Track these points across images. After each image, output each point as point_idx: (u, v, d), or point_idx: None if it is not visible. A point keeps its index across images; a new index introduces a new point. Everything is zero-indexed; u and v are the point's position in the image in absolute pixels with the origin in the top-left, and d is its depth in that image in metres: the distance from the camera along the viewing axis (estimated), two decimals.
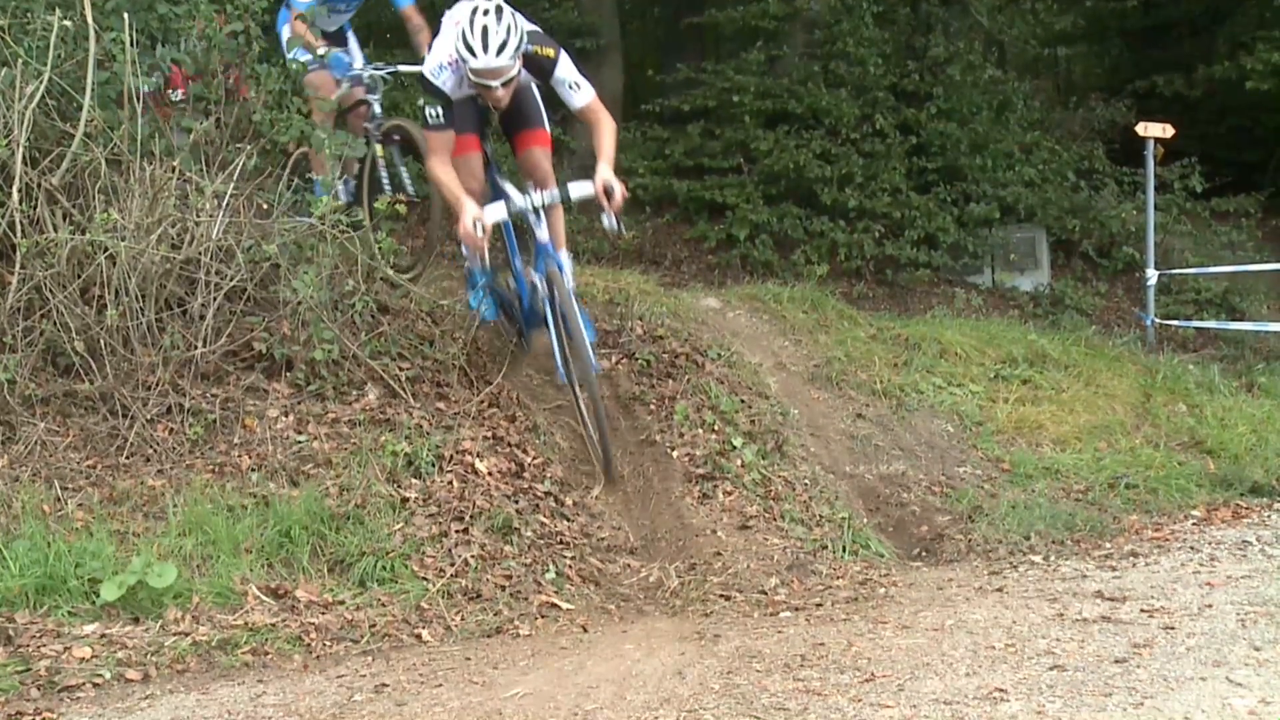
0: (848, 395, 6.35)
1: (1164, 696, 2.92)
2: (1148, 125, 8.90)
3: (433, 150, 5.06)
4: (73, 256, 4.70)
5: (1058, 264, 10.23)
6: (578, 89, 5.05)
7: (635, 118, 10.47)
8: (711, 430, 5.47)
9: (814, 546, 4.93)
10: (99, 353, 4.66)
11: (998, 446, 6.24)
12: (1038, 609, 3.97)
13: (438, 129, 5.01)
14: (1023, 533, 5.28)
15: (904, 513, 5.54)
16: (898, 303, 9.24)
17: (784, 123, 9.94)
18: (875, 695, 3.02)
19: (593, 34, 10.61)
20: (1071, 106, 11.66)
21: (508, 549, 4.50)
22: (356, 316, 5.17)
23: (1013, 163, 10.11)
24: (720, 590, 4.51)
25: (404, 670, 3.62)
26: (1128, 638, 3.52)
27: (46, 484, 4.33)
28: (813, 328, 6.98)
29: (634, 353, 5.89)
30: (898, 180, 9.64)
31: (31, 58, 4.93)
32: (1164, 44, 12.94)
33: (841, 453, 5.85)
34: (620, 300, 6.35)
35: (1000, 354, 7.19)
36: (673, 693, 3.14)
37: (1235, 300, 9.80)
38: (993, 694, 2.99)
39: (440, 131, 5.02)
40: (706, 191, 9.76)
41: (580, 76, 5.09)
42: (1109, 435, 6.54)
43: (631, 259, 9.01)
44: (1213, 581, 4.30)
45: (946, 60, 10.32)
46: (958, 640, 3.58)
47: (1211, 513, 5.69)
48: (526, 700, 3.12)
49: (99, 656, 3.62)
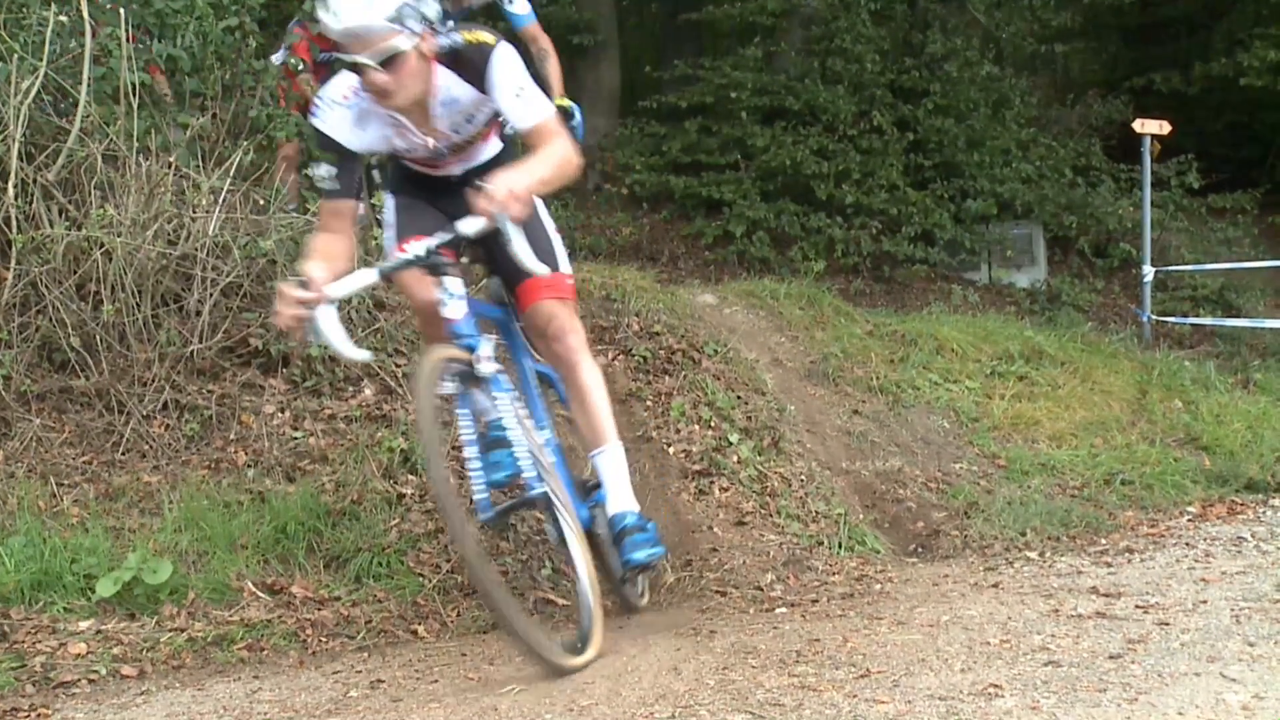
0: (844, 391, 6.35)
1: (1158, 692, 2.92)
2: (1145, 122, 8.92)
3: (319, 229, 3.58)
4: (68, 252, 4.69)
5: (1054, 260, 10.25)
6: (520, 99, 3.38)
7: (632, 114, 10.49)
8: (708, 426, 5.47)
9: (810, 543, 4.93)
10: (95, 349, 4.66)
11: (994, 443, 6.24)
12: (1033, 605, 3.98)
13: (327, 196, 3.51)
14: (1018, 529, 5.28)
15: (900, 509, 5.54)
16: (894, 299, 9.25)
17: (781, 119, 9.95)
18: (870, 691, 3.03)
19: (590, 30, 10.62)
20: (1069, 103, 11.68)
21: (503, 545, 4.50)
22: (353, 312, 5.16)
23: (1010, 159, 10.13)
24: (716, 586, 4.51)
25: (400, 666, 3.62)
26: (1122, 633, 3.53)
27: (42, 480, 4.32)
28: (809, 324, 6.98)
29: (630, 349, 5.89)
30: (895, 177, 9.65)
31: (27, 53, 4.92)
32: (1161, 41, 12.94)
33: (838, 449, 5.85)
34: (617, 296, 6.34)
35: (997, 350, 7.19)
36: (668, 688, 3.14)
37: (1231, 297, 9.83)
38: (987, 689, 2.99)
39: (328, 201, 3.52)
40: (703, 188, 9.77)
41: (531, 84, 3.43)
42: (1105, 431, 6.55)
43: (628, 255, 9.02)
44: (1207, 577, 4.31)
45: (944, 57, 10.33)
46: (953, 636, 3.58)
47: (1207, 509, 5.69)
48: (522, 696, 3.12)
49: (94, 652, 3.62)
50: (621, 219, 9.90)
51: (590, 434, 3.77)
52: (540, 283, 3.63)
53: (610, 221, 9.72)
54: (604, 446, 3.74)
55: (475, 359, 3.36)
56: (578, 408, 3.77)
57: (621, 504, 3.73)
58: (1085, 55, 14.07)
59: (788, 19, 10.66)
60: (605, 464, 3.75)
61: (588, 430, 3.77)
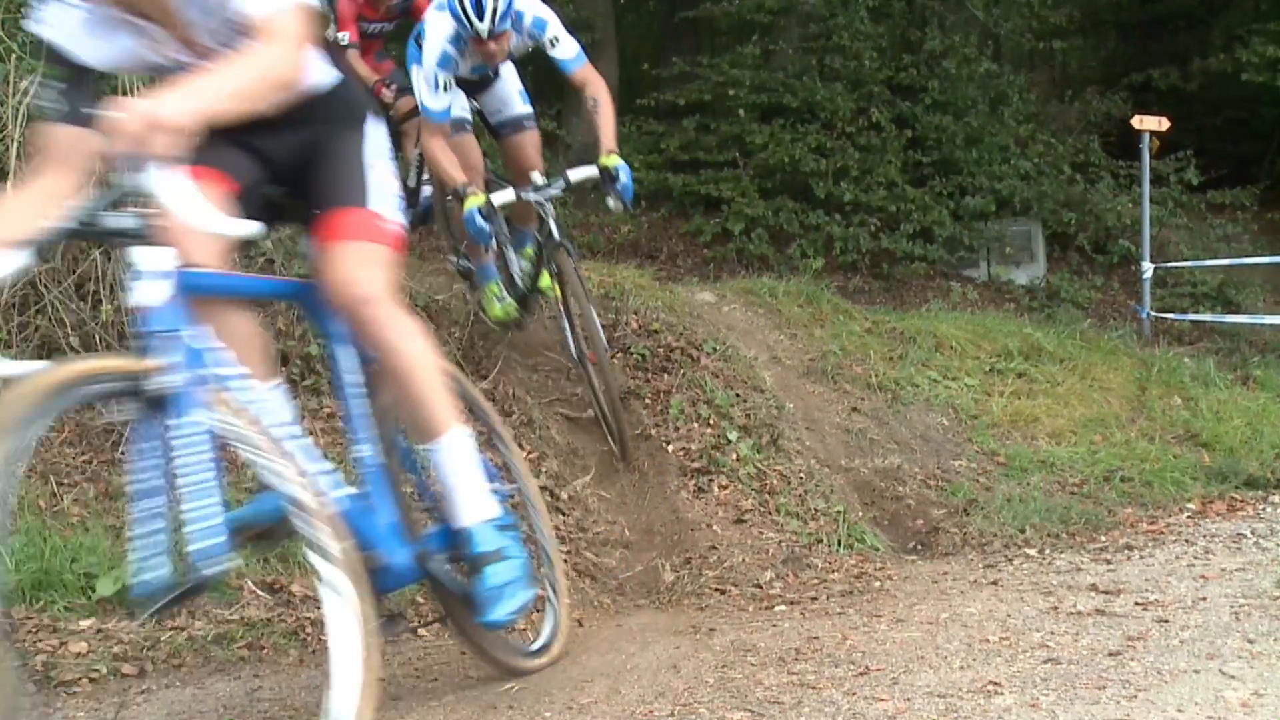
0: (843, 389, 6.35)
1: (1157, 689, 2.92)
2: (1143, 118, 8.92)
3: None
4: (68, 252, 4.69)
5: (1053, 257, 10.25)
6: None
7: (630, 112, 10.47)
8: (707, 424, 5.48)
9: (809, 540, 4.94)
10: (94, 348, 4.65)
11: (993, 440, 6.24)
12: (1032, 602, 3.98)
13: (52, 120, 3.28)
14: (1018, 526, 5.29)
15: (899, 506, 5.55)
16: (893, 296, 9.25)
17: (779, 116, 9.96)
18: (869, 688, 3.03)
19: (588, 28, 10.59)
20: (1067, 100, 11.68)
21: None
22: None
23: (1008, 156, 10.13)
24: (715, 584, 4.51)
25: (399, 665, 3.62)
26: (1122, 631, 3.53)
27: (42, 479, 4.32)
28: (808, 322, 6.98)
29: (629, 347, 5.89)
30: (893, 174, 9.66)
31: (26, 53, 4.91)
32: (1160, 37, 12.95)
33: (837, 446, 5.85)
34: (615, 294, 6.34)
35: (996, 347, 7.20)
36: (667, 686, 3.14)
37: (1231, 293, 9.83)
38: (987, 687, 2.99)
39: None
40: (702, 186, 9.77)
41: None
42: (1104, 428, 6.55)
43: (627, 253, 9.02)
44: (1207, 574, 4.31)
45: (942, 54, 10.33)
46: (952, 633, 3.59)
47: (1206, 506, 5.69)
48: (521, 694, 3.12)
49: (95, 651, 3.61)
50: (619, 217, 9.89)
51: (416, 425, 2.95)
52: (336, 220, 2.82)
53: (608, 219, 9.72)
54: (438, 440, 2.90)
55: (146, 370, 2.34)
56: (397, 395, 2.92)
57: (473, 513, 2.91)
58: (1084, 51, 14.08)
59: (785, 16, 10.66)
60: (443, 462, 2.92)
61: (413, 422, 2.97)
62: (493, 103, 5.49)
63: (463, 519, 2.91)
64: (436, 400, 2.88)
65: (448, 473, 2.92)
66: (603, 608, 4.34)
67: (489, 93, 5.47)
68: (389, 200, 2.91)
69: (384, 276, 2.82)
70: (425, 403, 2.87)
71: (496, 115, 5.51)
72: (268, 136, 2.82)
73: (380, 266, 2.82)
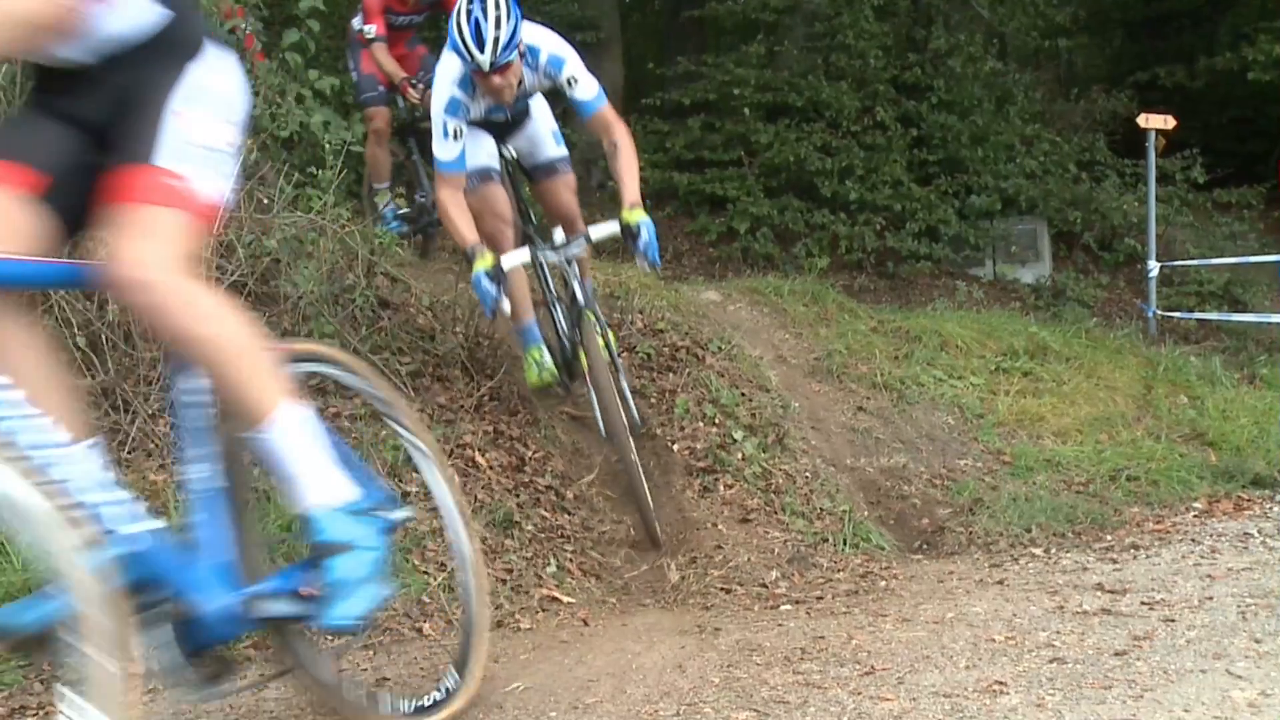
0: (849, 388, 6.35)
1: (1164, 689, 2.92)
2: (1149, 117, 8.91)
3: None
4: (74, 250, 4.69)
5: (1059, 256, 10.24)
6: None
7: (636, 111, 10.49)
8: (712, 424, 5.47)
9: (815, 539, 4.94)
10: (100, 348, 4.65)
11: (999, 439, 6.23)
12: (1038, 601, 3.97)
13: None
14: (1024, 525, 5.28)
15: (905, 505, 5.54)
16: (899, 295, 9.25)
17: (784, 116, 9.96)
18: (875, 688, 3.03)
19: (593, 27, 10.63)
20: (1073, 98, 11.67)
21: (508, 543, 4.50)
22: (357, 311, 5.16)
23: (1014, 155, 10.13)
24: (721, 583, 4.51)
25: (405, 664, 3.62)
26: (1128, 630, 3.52)
27: None
28: (813, 321, 6.98)
29: (634, 346, 5.89)
30: (899, 173, 9.66)
31: None
32: (1165, 35, 12.93)
33: (842, 446, 5.85)
34: (621, 294, 6.34)
35: (1001, 346, 7.19)
36: (673, 686, 3.14)
37: (1237, 292, 9.82)
38: (992, 686, 2.99)
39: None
40: (707, 185, 9.78)
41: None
42: (1110, 427, 6.54)
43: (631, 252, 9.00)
44: (1213, 574, 4.30)
45: (947, 52, 10.33)
46: (958, 633, 3.58)
47: (1213, 505, 5.68)
48: (527, 694, 3.13)
49: None
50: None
51: (240, 414, 2.45)
52: (116, 181, 2.31)
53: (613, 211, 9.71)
54: (267, 420, 2.41)
55: None
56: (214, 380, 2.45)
57: (316, 496, 2.47)
58: (1089, 50, 14.08)
59: (790, 15, 10.67)
60: (276, 445, 2.43)
61: (235, 407, 2.45)
62: (524, 145, 5.16)
63: (304, 502, 2.46)
64: (255, 380, 2.39)
65: (282, 456, 2.43)
66: (608, 607, 4.34)
67: (519, 134, 5.13)
68: (193, 155, 2.33)
69: (171, 251, 2.26)
70: (241, 385, 2.38)
71: (529, 159, 5.18)
72: (79, 96, 2.36)
73: (167, 238, 2.27)
